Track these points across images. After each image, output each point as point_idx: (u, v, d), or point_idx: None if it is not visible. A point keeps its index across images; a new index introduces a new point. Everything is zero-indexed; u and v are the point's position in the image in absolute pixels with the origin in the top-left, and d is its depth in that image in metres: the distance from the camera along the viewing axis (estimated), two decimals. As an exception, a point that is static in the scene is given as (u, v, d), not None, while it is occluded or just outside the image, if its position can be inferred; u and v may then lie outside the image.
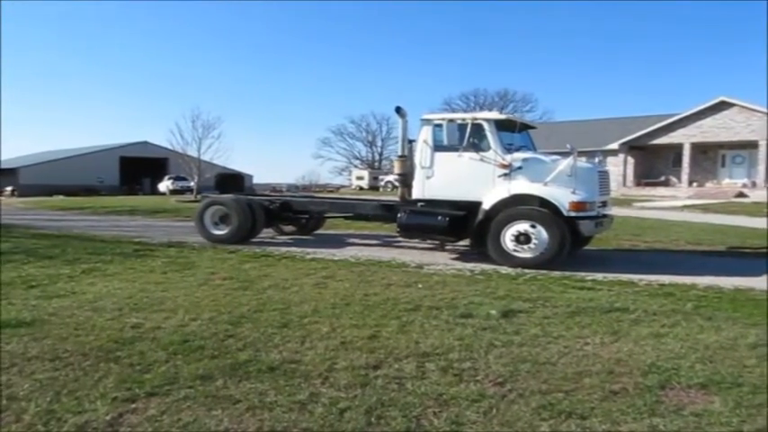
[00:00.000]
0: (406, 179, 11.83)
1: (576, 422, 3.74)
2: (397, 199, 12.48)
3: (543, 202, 10.15)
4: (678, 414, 3.91)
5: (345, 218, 13.75)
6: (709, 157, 39.48)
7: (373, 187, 57.76)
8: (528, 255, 9.99)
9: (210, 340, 5.30)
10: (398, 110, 11.81)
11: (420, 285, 8.02)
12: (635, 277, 8.99)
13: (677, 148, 38.99)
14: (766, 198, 28.35)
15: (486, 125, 10.70)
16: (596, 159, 11.01)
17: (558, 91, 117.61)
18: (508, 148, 10.64)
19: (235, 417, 3.72)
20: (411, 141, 12.02)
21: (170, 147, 40.37)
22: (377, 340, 5.40)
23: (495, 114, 11.32)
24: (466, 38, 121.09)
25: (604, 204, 10.86)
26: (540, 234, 9.90)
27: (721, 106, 36.67)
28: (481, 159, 10.60)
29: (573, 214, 9.93)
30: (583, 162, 10.55)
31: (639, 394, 4.23)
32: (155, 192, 53.71)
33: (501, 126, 10.89)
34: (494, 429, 3.64)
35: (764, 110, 35.07)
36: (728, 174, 39.15)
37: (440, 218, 10.72)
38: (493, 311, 6.45)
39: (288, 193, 19.00)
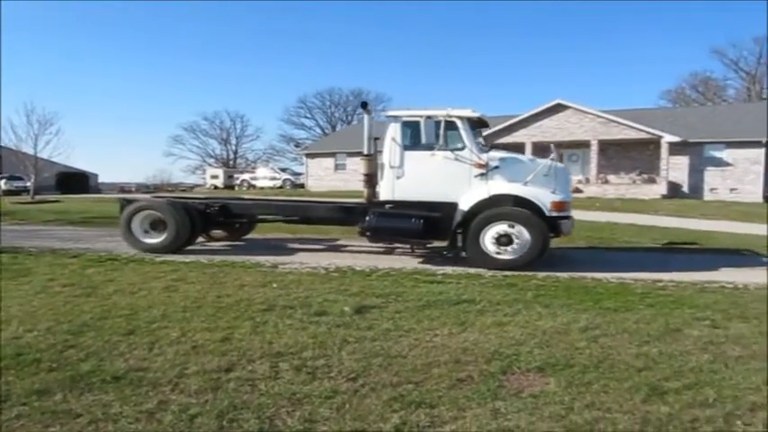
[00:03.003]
0: (371, 179, 11.16)
1: (425, 411, 3.90)
2: (355, 200, 11.90)
3: (522, 202, 10.02)
4: (518, 397, 4.19)
5: (292, 222, 12.63)
6: (549, 155, 42.19)
7: (229, 186, 56.40)
8: (509, 256, 9.82)
9: (48, 352, 4.96)
10: (364, 105, 11.15)
11: (275, 285, 7.96)
12: (481, 270, 9.46)
13: (520, 147, 41.29)
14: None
15: (459, 123, 10.31)
16: (552, 156, 10.65)
17: (409, 90, 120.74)
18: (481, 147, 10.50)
19: None
20: (376, 139, 11.29)
21: (1, 143, 37.15)
22: (229, 342, 5.32)
23: (468, 112, 10.69)
24: (320, 37, 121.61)
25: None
26: (522, 235, 9.75)
27: (558, 108, 39.32)
28: (456, 159, 10.20)
29: (555, 214, 9.92)
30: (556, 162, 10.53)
31: (484, 380, 4.48)
32: (-15, 193, 49.22)
33: (472, 124, 10.62)
34: (346, 424, 3.71)
35: (595, 112, 38.06)
36: (566, 170, 42.05)
37: (414, 220, 10.16)
38: (346, 308, 6.56)
39: (227, 196, 17.19)
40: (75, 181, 51.21)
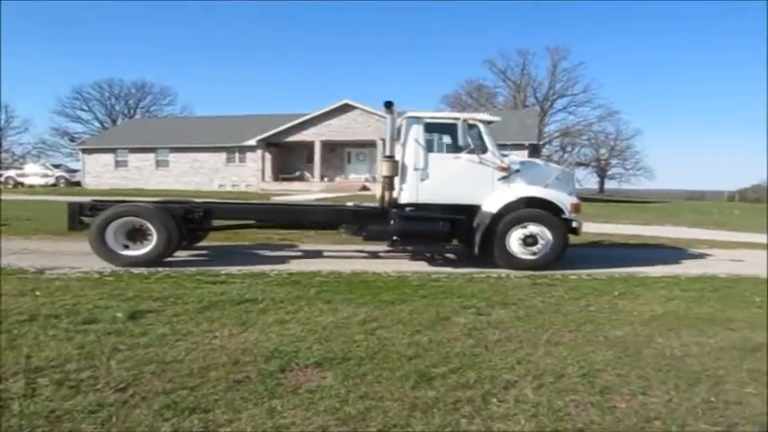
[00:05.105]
0: (391, 182, 10.68)
1: (198, 417, 3.80)
2: (352, 204, 11.53)
3: (538, 204, 10.29)
4: (295, 393, 4.23)
5: (280, 227, 11.76)
6: (338, 154, 43.29)
7: (-9, 184, 50.30)
8: (534, 257, 10.08)
9: None
10: (388, 105, 10.38)
11: (38, 293, 7.23)
12: (266, 268, 9.44)
13: (310, 146, 41.85)
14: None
15: (481, 126, 10.40)
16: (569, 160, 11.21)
17: (197, 86, 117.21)
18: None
19: None
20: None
21: None
22: (-23, 361, 4.75)
23: (487, 116, 11.04)
24: (98, 26, 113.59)
25: None
26: (546, 236, 10.05)
27: (345, 108, 40.45)
28: (480, 162, 10.31)
29: (573, 216, 10.34)
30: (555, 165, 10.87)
31: (261, 380, 4.46)
32: None
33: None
34: (111, 438, 3.49)
35: (380, 113, 39.73)
36: (354, 169, 43.44)
37: (441, 223, 10.20)
38: (119, 314, 6.15)
39: (206, 199, 14.50)
40: None
